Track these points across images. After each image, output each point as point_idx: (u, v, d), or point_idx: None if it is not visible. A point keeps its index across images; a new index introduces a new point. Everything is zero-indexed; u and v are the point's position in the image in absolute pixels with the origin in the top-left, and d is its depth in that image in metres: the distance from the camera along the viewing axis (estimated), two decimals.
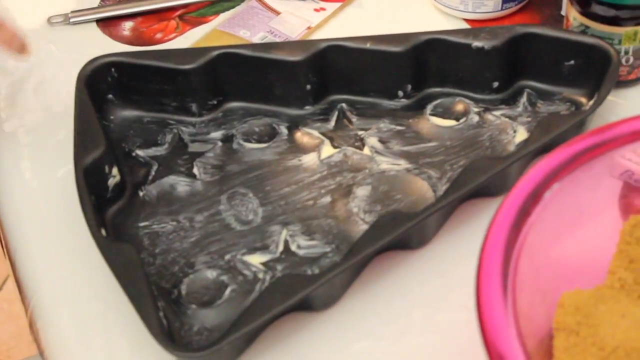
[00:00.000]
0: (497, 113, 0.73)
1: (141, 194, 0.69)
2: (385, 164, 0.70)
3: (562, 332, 0.51)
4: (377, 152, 0.71)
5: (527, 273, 0.49)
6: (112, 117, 0.74)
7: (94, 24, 0.87)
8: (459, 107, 0.74)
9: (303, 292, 0.58)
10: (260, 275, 0.63)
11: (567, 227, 0.54)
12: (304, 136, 0.73)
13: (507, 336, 0.45)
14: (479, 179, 0.64)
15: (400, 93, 0.74)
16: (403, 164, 0.70)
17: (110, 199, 0.68)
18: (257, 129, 0.73)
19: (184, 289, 0.63)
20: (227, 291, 0.62)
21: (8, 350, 1.62)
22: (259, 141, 0.73)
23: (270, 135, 0.73)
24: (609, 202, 0.58)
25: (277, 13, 0.84)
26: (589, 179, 0.55)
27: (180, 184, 0.70)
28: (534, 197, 0.50)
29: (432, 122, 0.73)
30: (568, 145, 0.54)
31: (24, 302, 0.67)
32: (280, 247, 0.65)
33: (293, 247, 0.65)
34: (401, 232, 0.61)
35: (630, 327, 0.51)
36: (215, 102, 0.74)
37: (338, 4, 0.85)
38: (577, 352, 0.50)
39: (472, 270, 0.48)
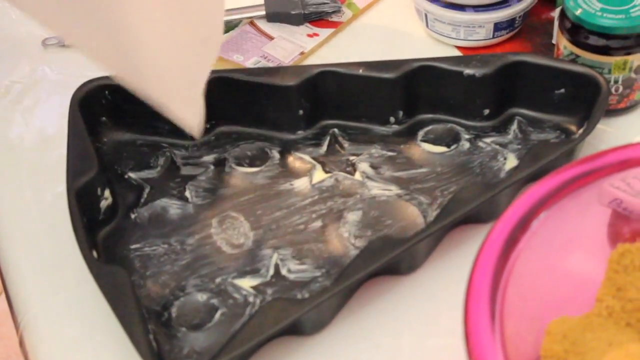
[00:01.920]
0: (488, 140, 0.73)
1: (133, 216, 0.69)
2: (376, 189, 0.70)
3: None
4: (368, 177, 0.71)
5: (515, 300, 0.49)
6: (105, 140, 0.74)
7: None
8: (450, 134, 0.74)
9: (293, 317, 0.59)
10: (251, 299, 0.63)
11: (555, 254, 0.55)
12: (295, 161, 0.73)
13: None
14: (468, 206, 0.64)
15: (392, 119, 0.75)
16: (394, 189, 0.70)
17: (102, 221, 0.68)
18: (249, 153, 0.74)
19: (174, 311, 0.63)
20: (217, 314, 0.63)
21: None
22: (250, 165, 0.73)
23: (262, 159, 0.74)
24: (598, 230, 0.59)
25: (271, 38, 0.85)
26: (577, 206, 0.55)
27: (172, 207, 0.70)
28: (522, 225, 0.51)
29: (423, 148, 0.73)
30: (557, 174, 0.54)
31: (15, 322, 0.67)
32: (271, 271, 0.65)
33: (283, 271, 0.65)
34: (391, 258, 0.61)
35: (617, 355, 0.52)
36: (207, 125, 0.75)
37: (331, 30, 0.86)
38: None
39: (462, 297, 0.48)
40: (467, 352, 0.46)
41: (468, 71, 0.73)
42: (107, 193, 0.69)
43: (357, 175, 0.72)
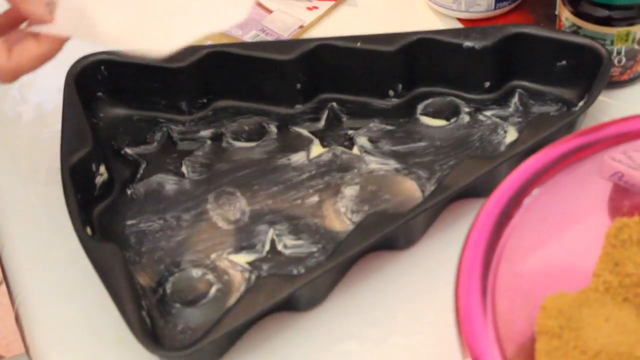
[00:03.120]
0: (488, 113, 0.73)
1: (129, 192, 0.69)
2: (374, 163, 0.70)
3: (545, 336, 0.51)
4: (366, 151, 0.70)
5: (508, 276, 0.48)
6: (101, 115, 0.74)
7: None
8: (450, 107, 0.73)
9: (288, 292, 0.58)
10: (246, 275, 0.63)
11: (551, 229, 0.54)
12: (293, 135, 0.72)
13: (485, 340, 0.45)
14: (466, 179, 0.63)
15: (391, 92, 0.74)
16: (392, 163, 0.69)
17: (98, 197, 0.68)
18: (246, 128, 0.73)
19: (169, 287, 0.63)
20: (212, 290, 0.62)
21: (7, 345, 1.63)
22: (248, 140, 0.72)
23: (259, 134, 0.73)
24: (598, 204, 0.58)
25: (270, 11, 0.84)
26: (575, 180, 0.54)
27: (169, 183, 0.70)
28: (516, 200, 0.50)
29: (423, 122, 0.73)
30: (553, 147, 0.54)
31: (11, 299, 0.67)
32: (267, 247, 0.65)
33: (279, 247, 0.64)
34: (388, 233, 0.61)
35: (614, 330, 0.51)
36: (204, 100, 0.74)
37: (331, 3, 0.85)
38: (559, 356, 0.50)
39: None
40: (457, 329, 0.45)
41: (468, 43, 0.72)
42: (102, 169, 0.68)
43: (355, 150, 0.71)
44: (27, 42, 0.57)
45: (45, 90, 0.79)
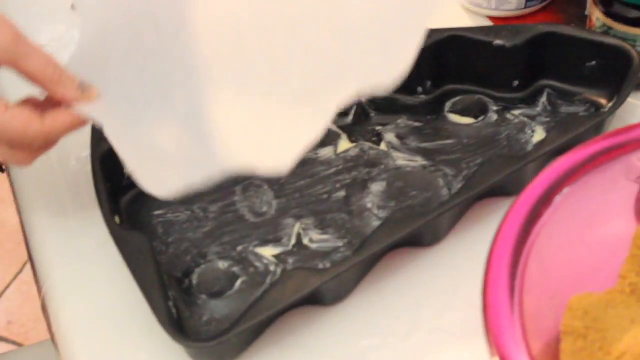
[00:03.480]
0: (516, 112, 0.73)
1: None
2: (401, 159, 0.70)
3: (570, 336, 0.51)
4: (393, 147, 0.71)
5: (536, 275, 0.49)
6: None
7: None
8: (478, 105, 0.73)
9: (313, 286, 0.58)
10: (272, 268, 0.63)
11: (579, 229, 0.54)
12: None
13: (512, 338, 0.45)
14: (493, 178, 0.63)
15: (419, 89, 0.74)
16: (419, 160, 0.69)
17: (126, 187, 0.68)
18: None
19: (194, 278, 0.63)
20: (238, 282, 0.62)
21: (26, 333, 1.64)
22: None
23: None
24: (624, 205, 0.58)
25: None
26: (603, 181, 0.54)
27: None
28: (546, 199, 0.50)
29: (450, 119, 0.73)
30: (583, 147, 0.54)
31: (37, 287, 0.67)
32: (293, 240, 0.65)
33: (305, 241, 0.65)
34: (414, 229, 0.61)
35: (638, 332, 0.51)
36: None
37: None
38: (584, 356, 0.50)
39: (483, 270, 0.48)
40: (484, 326, 0.45)
41: (498, 41, 0.72)
42: None
43: (383, 146, 0.71)
44: (60, 110, 0.59)
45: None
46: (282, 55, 0.61)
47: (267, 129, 0.59)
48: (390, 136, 0.72)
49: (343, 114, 0.73)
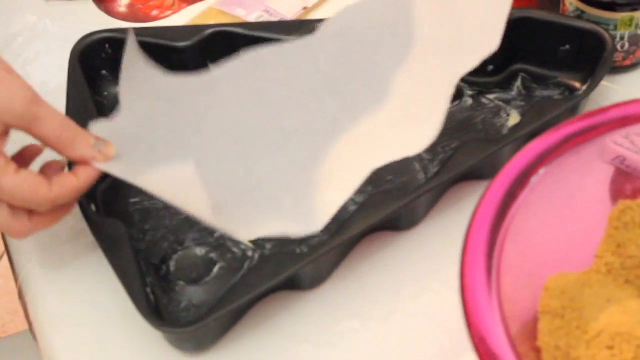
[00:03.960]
0: (491, 96, 0.73)
1: None
2: None
3: (547, 315, 0.52)
4: None
5: (513, 256, 0.49)
6: (105, 93, 0.74)
7: None
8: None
9: (290, 271, 0.58)
10: (249, 253, 0.63)
11: (555, 210, 0.54)
12: None
13: (490, 319, 0.45)
14: (469, 161, 0.64)
15: None
16: None
17: (102, 175, 0.67)
18: None
19: (172, 265, 0.63)
20: (216, 268, 0.62)
21: (3, 325, 1.63)
22: None
23: None
24: (600, 186, 0.58)
25: None
26: (578, 163, 0.55)
27: None
28: (521, 181, 0.50)
29: None
30: (557, 129, 0.54)
31: (14, 276, 0.67)
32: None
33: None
34: (390, 213, 0.61)
35: (615, 311, 0.51)
36: None
37: None
38: (562, 335, 0.51)
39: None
40: (462, 307, 0.46)
41: None
42: None
43: None
44: (66, 175, 0.58)
45: (49, 67, 0.79)
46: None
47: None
48: None
49: None
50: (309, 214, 0.60)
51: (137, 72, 0.65)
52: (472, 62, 0.64)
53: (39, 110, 0.57)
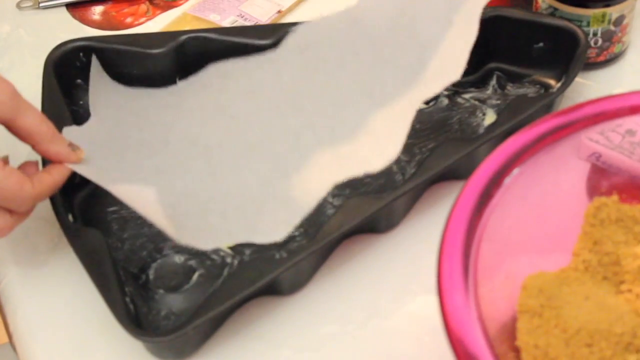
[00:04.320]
0: (467, 96, 0.73)
1: None
2: None
3: (526, 315, 0.52)
4: None
5: (489, 256, 0.49)
6: (81, 102, 0.73)
7: (64, 8, 0.87)
8: None
9: (270, 276, 0.58)
10: (228, 260, 0.63)
11: (531, 209, 0.54)
12: None
13: (467, 320, 0.45)
14: (446, 162, 0.64)
15: None
16: None
17: (79, 184, 0.67)
18: None
19: (152, 273, 0.63)
20: (195, 276, 0.62)
21: None
22: None
23: None
24: (576, 184, 0.58)
25: None
26: (554, 160, 0.55)
27: None
28: (496, 180, 0.51)
29: None
30: (532, 127, 0.54)
31: None
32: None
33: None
34: (368, 216, 0.61)
35: (593, 309, 0.52)
36: None
37: None
38: (541, 334, 0.51)
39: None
40: (439, 309, 0.46)
41: None
42: None
43: None
44: (42, 174, 0.60)
45: (24, 77, 0.78)
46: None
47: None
48: None
49: None
50: (273, 224, 0.61)
51: (105, 86, 0.66)
52: (435, 88, 0.65)
53: (21, 102, 0.59)
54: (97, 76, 0.71)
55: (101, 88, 0.70)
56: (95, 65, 0.71)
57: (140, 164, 0.65)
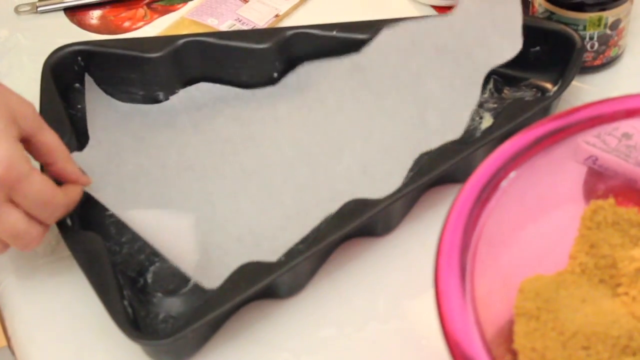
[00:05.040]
0: None
1: None
2: None
3: (523, 318, 0.52)
4: None
5: (486, 259, 0.49)
6: (79, 106, 0.73)
7: (62, 12, 0.87)
8: None
9: (267, 279, 0.58)
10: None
11: (528, 212, 0.55)
12: None
13: (464, 323, 0.45)
14: (443, 165, 0.64)
15: None
16: None
17: None
18: None
19: (149, 277, 0.63)
20: (193, 279, 0.62)
21: None
22: None
23: None
24: (573, 187, 0.58)
25: (245, 1, 0.84)
26: (550, 164, 0.55)
27: None
28: (493, 184, 0.51)
29: None
30: (528, 131, 0.54)
31: None
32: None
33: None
34: (365, 219, 0.61)
35: (590, 311, 0.52)
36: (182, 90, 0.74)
37: None
38: (537, 337, 0.51)
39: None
40: (437, 312, 0.46)
41: None
42: None
43: None
44: (68, 186, 0.62)
45: (23, 81, 0.79)
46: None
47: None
48: None
49: None
50: (270, 253, 0.62)
51: (101, 105, 0.67)
52: (433, 144, 0.66)
53: (42, 120, 0.61)
54: (93, 95, 0.71)
55: (97, 108, 0.71)
56: (90, 83, 0.71)
57: (139, 192, 0.67)
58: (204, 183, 0.67)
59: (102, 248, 0.60)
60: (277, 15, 0.83)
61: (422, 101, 0.70)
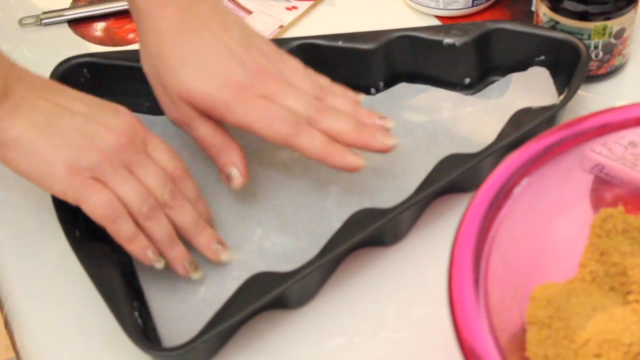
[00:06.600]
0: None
1: None
2: None
3: (535, 326, 0.52)
4: None
5: (499, 267, 0.49)
6: None
7: (66, 24, 0.87)
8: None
9: (278, 290, 0.58)
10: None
11: (538, 221, 0.55)
12: None
13: (479, 331, 0.45)
14: (451, 175, 0.64)
15: (373, 90, 0.75)
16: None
17: None
18: None
19: None
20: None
21: None
22: None
23: None
24: (581, 195, 0.59)
25: (249, 12, 0.85)
26: (559, 172, 0.55)
27: None
28: (504, 192, 0.51)
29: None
30: (537, 140, 0.55)
31: None
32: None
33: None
34: (375, 229, 0.61)
35: (601, 319, 0.52)
36: None
37: (310, 3, 0.85)
38: (550, 345, 0.51)
39: (446, 266, 0.48)
40: (451, 320, 0.46)
41: (448, 40, 0.73)
42: None
43: None
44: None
45: None
46: None
47: None
48: None
49: None
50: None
51: None
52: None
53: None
54: None
55: None
56: None
57: None
58: (208, 192, 0.67)
59: (112, 258, 0.60)
60: (281, 27, 0.83)
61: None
